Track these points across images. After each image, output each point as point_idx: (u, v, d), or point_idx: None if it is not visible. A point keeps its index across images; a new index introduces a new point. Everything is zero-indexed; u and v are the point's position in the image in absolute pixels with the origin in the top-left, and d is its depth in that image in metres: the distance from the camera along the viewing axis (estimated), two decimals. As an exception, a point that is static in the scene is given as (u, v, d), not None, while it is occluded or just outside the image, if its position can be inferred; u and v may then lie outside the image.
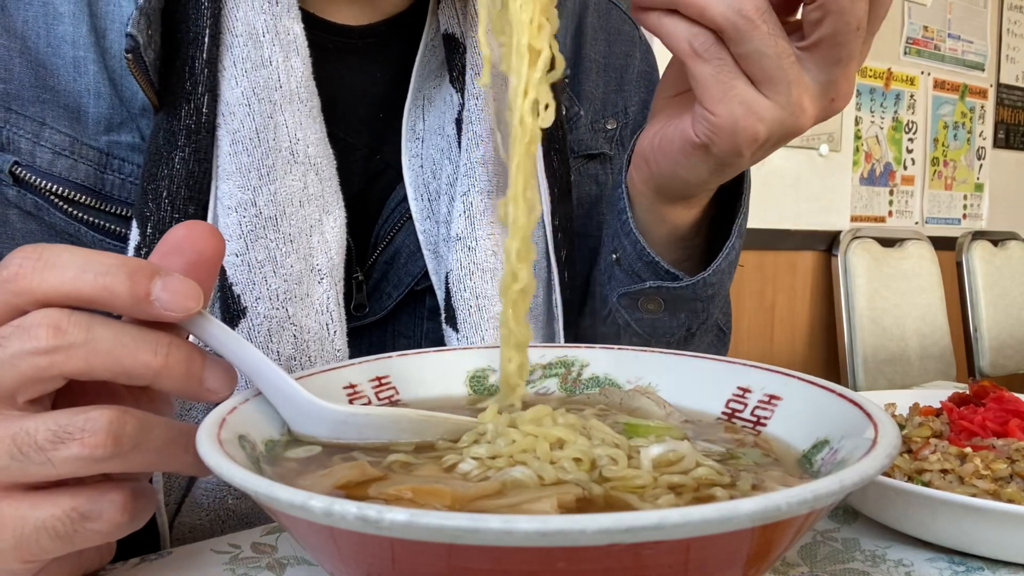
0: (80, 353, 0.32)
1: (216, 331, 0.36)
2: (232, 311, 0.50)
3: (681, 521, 0.23)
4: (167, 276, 0.34)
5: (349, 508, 0.24)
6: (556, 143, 0.62)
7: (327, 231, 0.53)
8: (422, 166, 0.61)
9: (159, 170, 0.49)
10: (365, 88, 0.61)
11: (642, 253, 0.59)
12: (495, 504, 0.32)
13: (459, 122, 0.60)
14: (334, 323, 0.53)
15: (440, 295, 0.61)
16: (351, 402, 0.45)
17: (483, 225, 0.57)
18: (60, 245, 0.34)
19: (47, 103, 0.51)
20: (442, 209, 0.61)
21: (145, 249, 0.48)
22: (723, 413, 0.45)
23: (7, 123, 0.50)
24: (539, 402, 0.45)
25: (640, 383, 0.49)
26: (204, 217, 0.50)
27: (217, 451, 0.30)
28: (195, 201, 0.50)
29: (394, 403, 0.46)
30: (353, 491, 0.33)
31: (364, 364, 0.47)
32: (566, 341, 0.62)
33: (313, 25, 0.55)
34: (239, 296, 0.50)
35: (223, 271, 0.50)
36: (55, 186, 0.51)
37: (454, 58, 0.60)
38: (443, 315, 0.59)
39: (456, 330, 0.57)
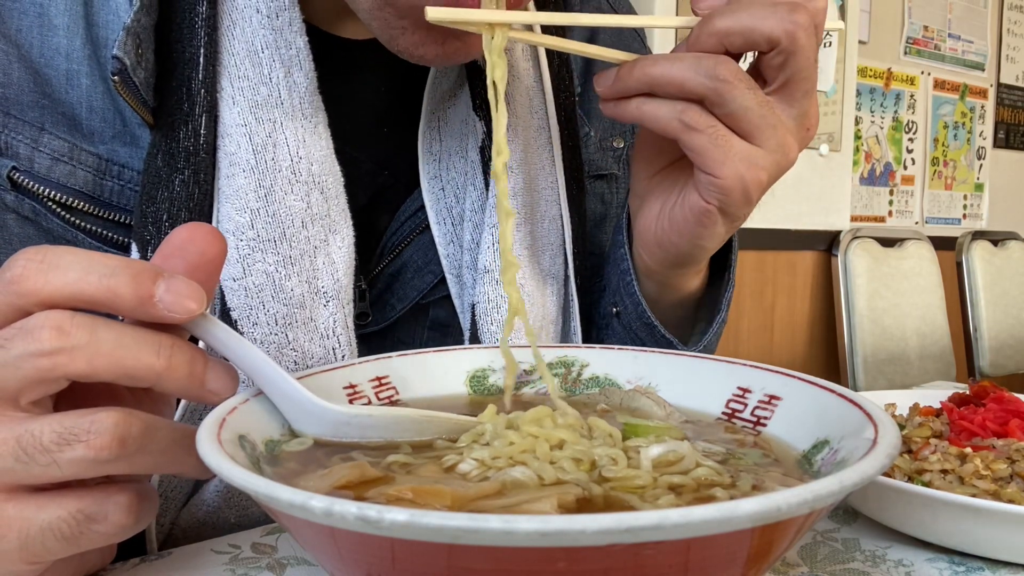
0: (83, 355, 0.32)
1: (218, 332, 0.36)
2: None
3: (681, 521, 0.23)
4: (170, 278, 0.34)
5: (349, 508, 0.24)
6: (576, 171, 0.62)
7: (333, 251, 0.53)
8: (443, 189, 0.60)
9: (158, 193, 0.48)
10: (370, 102, 0.61)
11: (643, 316, 0.60)
12: (495, 504, 0.32)
13: (483, 150, 0.60)
14: (341, 347, 0.52)
15: (465, 324, 0.60)
16: (351, 402, 0.45)
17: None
18: (63, 247, 0.34)
19: (46, 108, 0.50)
20: (466, 236, 0.60)
21: None
22: (723, 413, 0.45)
23: (5, 127, 0.49)
24: (539, 402, 0.45)
25: (640, 383, 0.49)
26: None
27: (217, 451, 0.30)
28: None
29: (394, 403, 0.46)
30: (353, 491, 0.33)
31: (364, 364, 0.47)
32: None
33: (318, 39, 0.54)
34: (236, 322, 0.50)
35: (221, 295, 0.50)
36: (53, 192, 0.50)
37: (476, 85, 0.60)
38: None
39: None
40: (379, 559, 0.26)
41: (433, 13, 0.42)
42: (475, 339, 0.58)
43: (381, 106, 0.62)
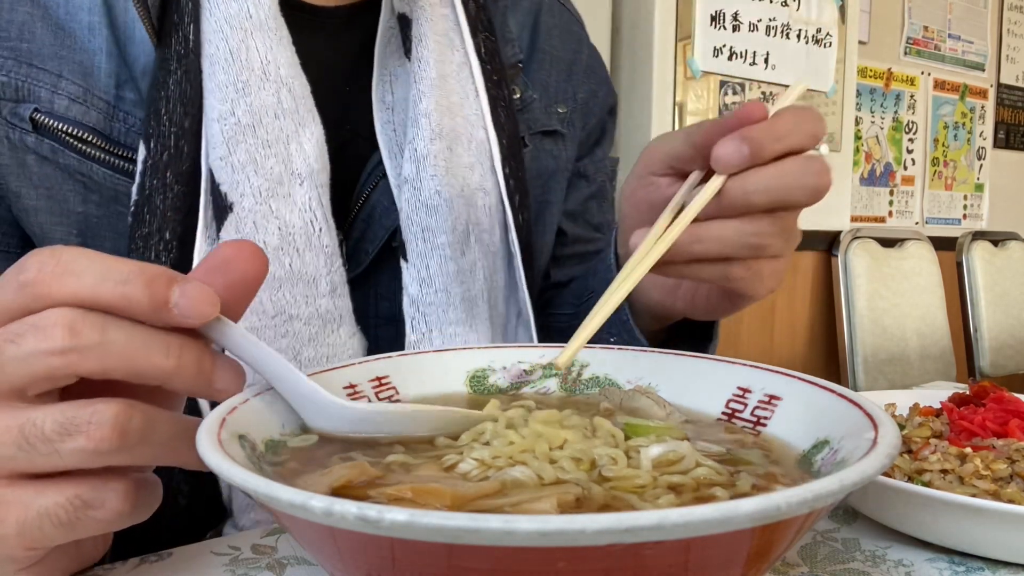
0: (94, 355, 0.33)
1: (233, 334, 0.37)
2: (220, 207, 0.56)
3: (681, 521, 0.23)
4: (185, 283, 0.34)
5: (349, 508, 0.24)
6: (503, 101, 0.69)
7: (304, 141, 0.59)
8: (394, 130, 0.67)
9: (159, 93, 0.56)
10: (333, 63, 0.67)
11: (642, 346, 0.64)
12: (495, 504, 0.32)
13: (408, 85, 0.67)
14: (318, 221, 0.59)
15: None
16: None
17: (426, 168, 0.63)
18: (77, 249, 0.34)
19: (64, 59, 0.57)
20: None
21: (151, 162, 0.55)
22: (723, 413, 0.45)
23: (29, 77, 0.56)
24: (538, 401, 0.45)
25: (640, 383, 0.49)
26: (198, 129, 0.57)
27: (217, 451, 0.30)
28: (190, 116, 0.56)
29: (394, 403, 0.46)
30: (353, 491, 0.33)
31: (364, 364, 0.47)
32: (527, 286, 0.68)
33: (288, 5, 0.61)
34: (225, 194, 0.56)
35: (211, 173, 0.56)
36: (70, 128, 0.57)
37: (407, 32, 0.67)
38: (399, 250, 0.65)
39: (407, 260, 0.63)
40: (379, 559, 0.26)
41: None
42: (401, 242, 0.64)
43: (342, 67, 0.68)
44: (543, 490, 0.33)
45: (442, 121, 0.64)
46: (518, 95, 0.73)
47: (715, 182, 0.47)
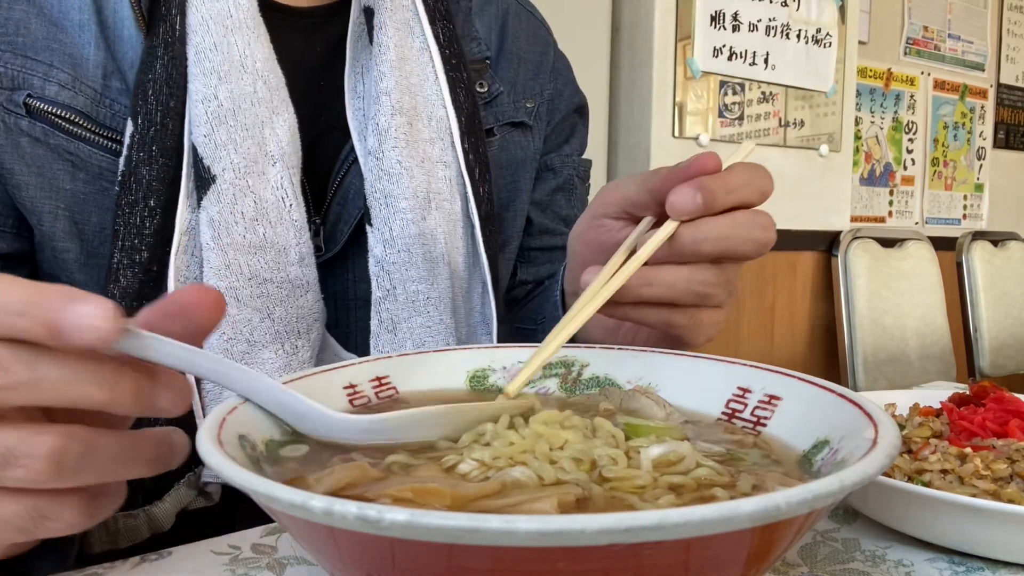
0: (26, 390, 0.33)
1: (161, 347, 0.35)
2: (203, 178, 0.61)
3: (681, 521, 0.23)
4: (80, 303, 0.32)
5: (349, 508, 0.24)
6: (462, 83, 0.74)
7: (277, 128, 0.65)
8: (364, 115, 0.71)
9: (146, 76, 0.61)
10: (310, 60, 0.73)
11: None
12: (495, 504, 0.32)
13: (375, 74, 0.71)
14: (289, 198, 0.64)
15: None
16: (351, 402, 0.45)
17: (387, 140, 0.68)
18: None
19: (55, 51, 0.62)
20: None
21: (138, 136, 0.60)
22: (723, 413, 0.45)
23: (24, 68, 0.61)
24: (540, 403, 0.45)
25: (640, 383, 0.49)
26: (182, 109, 0.62)
27: (217, 451, 0.30)
28: (175, 97, 0.61)
29: (394, 402, 0.46)
30: (353, 491, 0.33)
31: (364, 364, 0.47)
32: (488, 256, 0.72)
33: (266, 6, 0.66)
34: (208, 167, 0.61)
35: (194, 148, 0.61)
36: (60, 110, 0.62)
37: (371, 23, 0.71)
38: (365, 217, 0.69)
39: (371, 224, 0.68)
40: (379, 559, 0.26)
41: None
42: (367, 209, 0.68)
43: (317, 64, 0.73)
44: (543, 490, 0.33)
45: (402, 99, 0.69)
46: (486, 89, 0.79)
47: (667, 227, 0.48)
